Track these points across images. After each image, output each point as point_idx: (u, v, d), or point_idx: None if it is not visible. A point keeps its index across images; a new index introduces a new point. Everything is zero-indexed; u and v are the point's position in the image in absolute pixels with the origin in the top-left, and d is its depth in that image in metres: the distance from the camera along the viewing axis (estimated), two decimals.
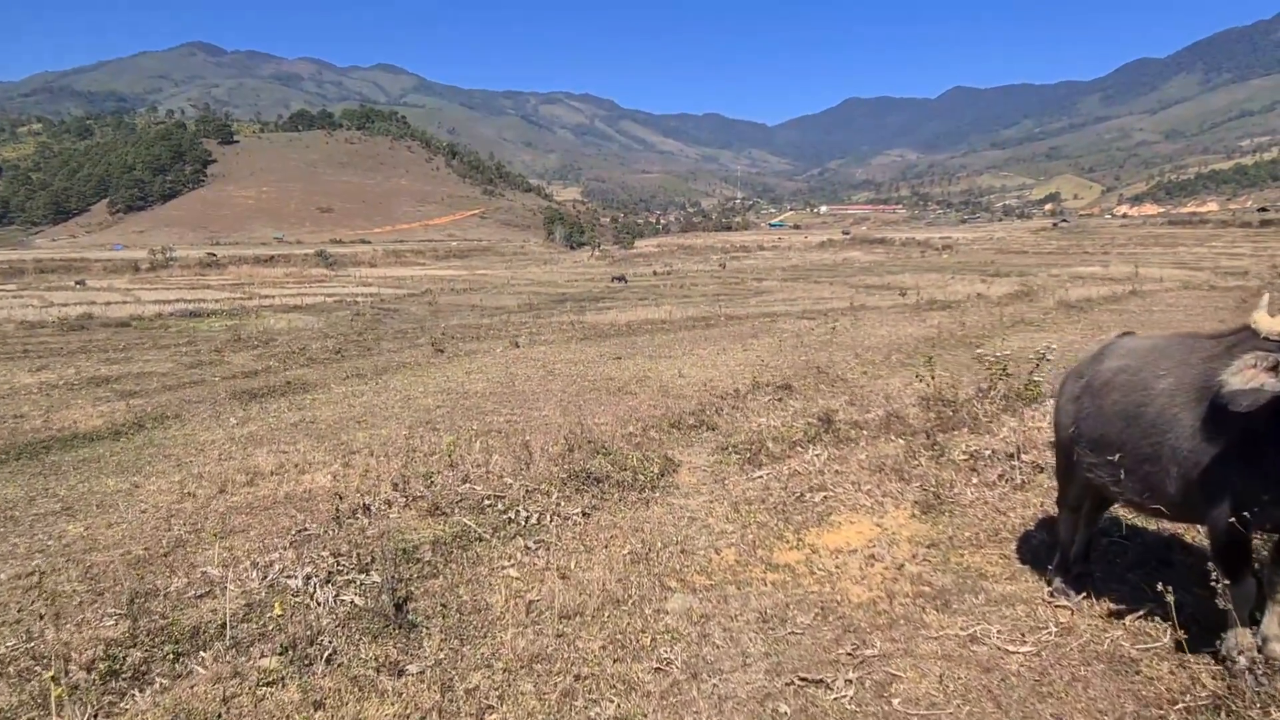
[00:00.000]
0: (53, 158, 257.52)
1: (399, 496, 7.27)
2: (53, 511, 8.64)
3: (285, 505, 8.60)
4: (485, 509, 6.92)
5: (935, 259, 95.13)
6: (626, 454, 8.23)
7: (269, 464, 10.14)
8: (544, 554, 6.10)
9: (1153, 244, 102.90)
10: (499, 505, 6.95)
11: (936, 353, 16.24)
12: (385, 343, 24.97)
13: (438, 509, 6.90)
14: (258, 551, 6.55)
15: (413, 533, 6.52)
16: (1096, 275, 48.22)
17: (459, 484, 7.63)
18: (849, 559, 5.88)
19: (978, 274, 55.14)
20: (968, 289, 38.75)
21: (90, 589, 6.54)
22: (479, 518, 6.69)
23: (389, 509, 7.13)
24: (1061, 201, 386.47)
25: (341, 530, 6.72)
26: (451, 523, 6.62)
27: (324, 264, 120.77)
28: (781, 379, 13.50)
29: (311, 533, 6.76)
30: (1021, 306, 29.10)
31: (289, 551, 6.24)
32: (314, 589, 5.40)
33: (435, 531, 6.47)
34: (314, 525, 7.00)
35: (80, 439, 11.83)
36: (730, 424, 10.32)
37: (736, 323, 27.27)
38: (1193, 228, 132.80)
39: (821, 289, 49.91)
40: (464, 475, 7.84)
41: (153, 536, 7.82)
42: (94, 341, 30.56)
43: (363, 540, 6.35)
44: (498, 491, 7.27)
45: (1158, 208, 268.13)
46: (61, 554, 7.40)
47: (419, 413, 13.27)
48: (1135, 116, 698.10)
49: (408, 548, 6.12)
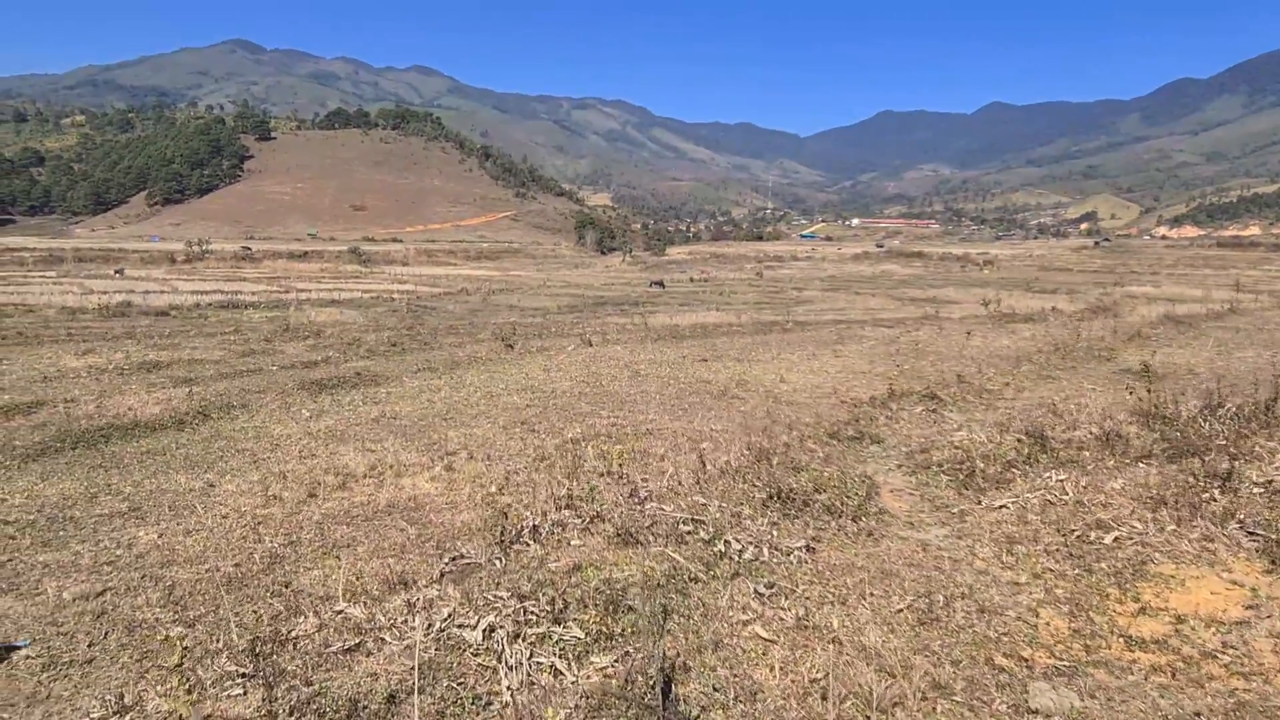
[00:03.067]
0: (94, 149, 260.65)
1: (573, 517, 5.77)
2: (118, 512, 7.32)
3: (390, 515, 7.23)
4: (685, 537, 5.45)
5: (976, 274, 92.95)
6: (819, 470, 6.74)
7: (359, 464, 8.79)
8: (787, 605, 4.62)
9: (1202, 265, 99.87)
10: (700, 532, 5.49)
11: (1069, 364, 14.68)
12: (443, 337, 23.69)
13: (628, 535, 5.43)
14: (395, 580, 5.13)
15: (611, 568, 5.03)
16: (1164, 295, 46.13)
17: (633, 501, 6.16)
18: (1239, 633, 4.33)
19: (1024, 290, 53.23)
20: (1038, 304, 37.02)
21: (178, 618, 5.18)
22: (680, 548, 5.23)
23: (563, 531, 5.67)
24: (1098, 221, 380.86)
25: (511, 560, 5.26)
26: (653, 555, 5.14)
27: (358, 261, 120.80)
28: (922, 388, 11.98)
29: (471, 561, 5.30)
30: (1107, 322, 27.33)
31: (450, 588, 4.78)
32: (500, 646, 3.95)
33: (640, 568, 4.98)
34: (472, 550, 5.53)
35: (141, 428, 10.53)
36: (896, 436, 8.84)
37: (812, 329, 25.75)
38: (1242, 250, 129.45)
39: (866, 300, 48.10)
40: (631, 489, 6.37)
41: (240, 548, 6.47)
42: (137, 328, 29.64)
43: (546, 576, 4.89)
44: (692, 514, 5.80)
45: (1198, 230, 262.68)
46: (134, 567, 6.06)
47: (508, 411, 11.88)
48: (1176, 137, 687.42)
49: (612, 590, 4.63)
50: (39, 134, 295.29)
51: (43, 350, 22.05)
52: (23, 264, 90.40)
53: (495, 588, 4.63)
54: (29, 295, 43.43)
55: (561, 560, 5.03)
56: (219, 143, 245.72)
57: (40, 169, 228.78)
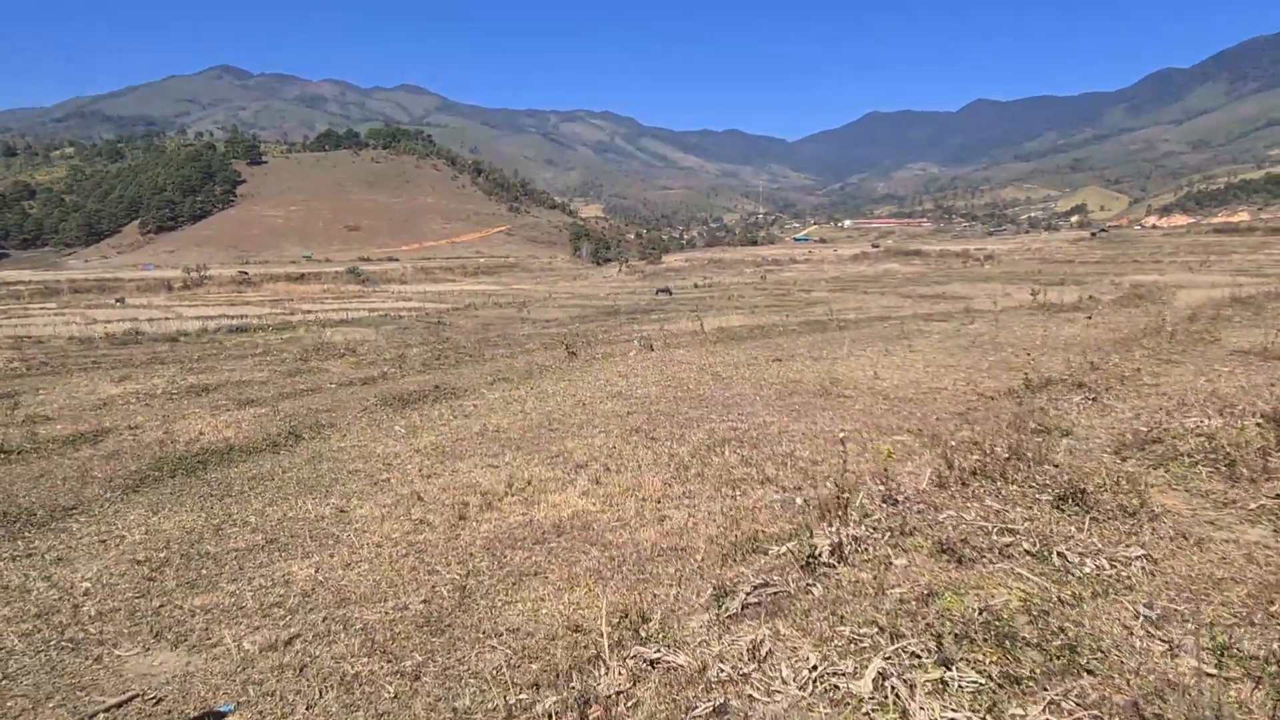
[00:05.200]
0: (84, 180, 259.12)
1: (874, 535, 4.93)
2: (255, 545, 6.51)
3: (561, 536, 6.44)
4: (1008, 550, 4.63)
5: (979, 269, 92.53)
6: (1090, 470, 5.92)
7: (491, 482, 8.01)
8: (1192, 628, 3.81)
9: (1202, 252, 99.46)
10: (1022, 544, 4.69)
11: (1178, 349, 13.97)
12: (488, 349, 22.90)
13: (949, 550, 4.62)
14: (641, 613, 4.33)
15: (972, 592, 4.19)
16: (1196, 282, 45.62)
17: (894, 508, 5.36)
18: None
19: (1032, 282, 52.46)
20: (1073, 295, 36.47)
21: (395, 669, 4.38)
22: (1009, 562, 4.43)
23: (869, 548, 4.84)
24: (1088, 213, 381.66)
25: (831, 586, 4.41)
26: (995, 573, 4.33)
27: (357, 280, 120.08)
28: (1065, 378, 11.24)
29: (780, 589, 4.45)
30: (1150, 308, 26.70)
31: (781, 624, 3.95)
32: (901, 699, 3.13)
33: (1019, 589, 4.10)
34: (773, 576, 4.69)
35: (237, 452, 9.71)
36: (1080, 428, 8.06)
37: (864, 327, 25.06)
38: (1240, 235, 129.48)
39: (876, 299, 47.16)
40: (886, 493, 5.53)
41: (415, 580, 5.68)
42: (158, 354, 28.84)
43: (894, 606, 4.05)
44: (1003, 523, 4.99)
45: (1187, 218, 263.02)
46: (308, 608, 5.26)
47: (612, 419, 11.09)
48: (1161, 127, 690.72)
49: (997, 621, 3.76)
50: (29, 168, 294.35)
51: (74, 379, 21.24)
52: (19, 297, 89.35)
53: (839, 622, 3.83)
54: (33, 327, 42.63)
55: (902, 584, 4.21)
56: (210, 169, 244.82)
57: (31, 202, 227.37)
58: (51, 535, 6.98)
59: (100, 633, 5.03)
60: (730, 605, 4.07)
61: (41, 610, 5.40)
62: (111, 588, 5.74)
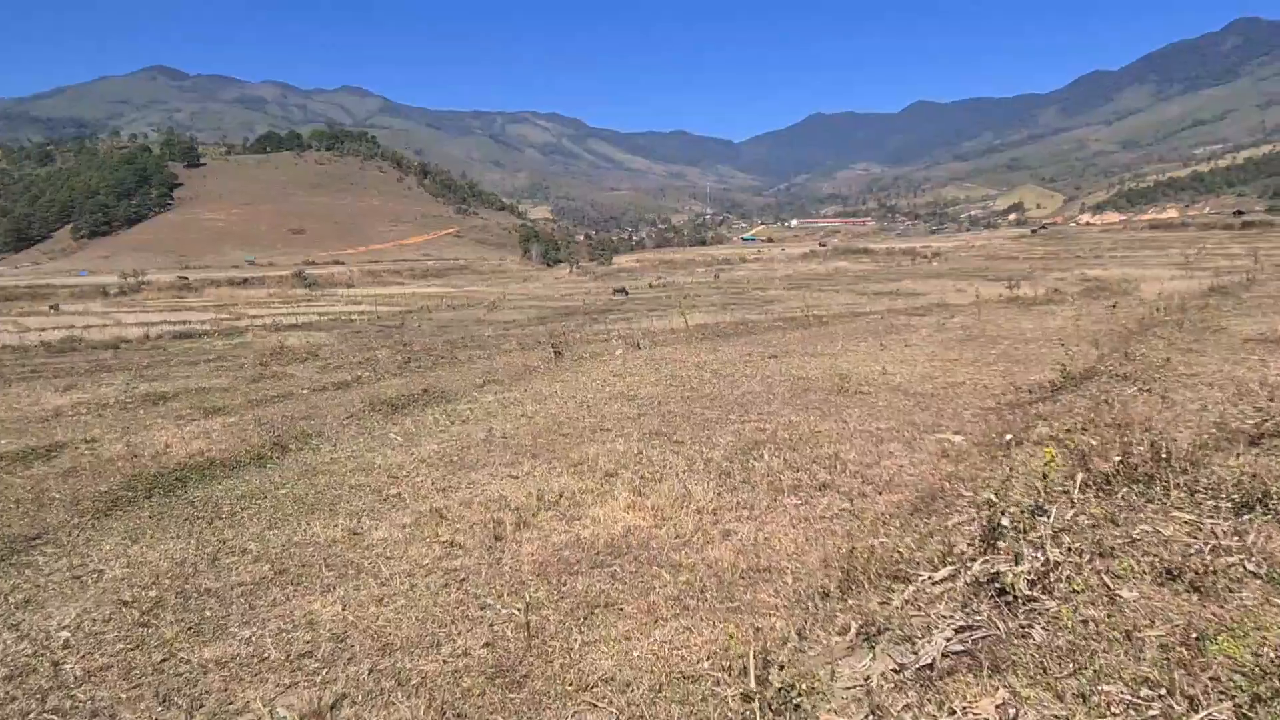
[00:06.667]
0: (12, 184, 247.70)
1: (1069, 557, 4.07)
2: (263, 578, 5.55)
3: (620, 559, 5.64)
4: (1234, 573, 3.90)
5: (928, 267, 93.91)
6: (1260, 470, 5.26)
7: (518, 495, 7.15)
8: None
9: (1141, 247, 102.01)
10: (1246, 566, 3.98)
11: (1189, 338, 13.69)
12: (460, 350, 21.88)
13: (1175, 575, 3.86)
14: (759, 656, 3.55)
15: (1253, 635, 3.37)
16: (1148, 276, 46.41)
17: (1078, 520, 4.58)
18: None
19: (982, 278, 52.86)
20: (1032, 289, 36.70)
21: None
22: (1254, 591, 3.71)
23: (1068, 576, 4.07)
24: (1025, 211, 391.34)
25: (1038, 619, 3.61)
26: (1252, 606, 3.56)
27: (304, 285, 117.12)
28: (1103, 370, 10.77)
29: (987, 632, 3.65)
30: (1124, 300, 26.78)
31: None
32: None
33: None
34: (944, 609, 3.90)
35: (219, 467, 8.64)
36: (1156, 421, 7.53)
37: (844, 321, 24.66)
38: (1174, 230, 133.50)
39: (833, 295, 46.88)
40: (1035, 505, 4.78)
41: (463, 616, 4.81)
42: (101, 362, 27.18)
43: (1154, 655, 3.22)
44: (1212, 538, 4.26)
45: (1119, 215, 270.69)
46: (345, 660, 4.36)
47: (624, 422, 10.28)
48: (1092, 127, 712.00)
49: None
50: None
51: (13, 389, 19.71)
52: None
53: (1095, 679, 2.99)
54: None
55: (1152, 624, 3.40)
56: (146, 172, 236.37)
57: None
58: (14, 572, 5.92)
59: (92, 700, 4.06)
60: (925, 651, 3.29)
61: (13, 671, 4.38)
62: (97, 638, 4.74)
